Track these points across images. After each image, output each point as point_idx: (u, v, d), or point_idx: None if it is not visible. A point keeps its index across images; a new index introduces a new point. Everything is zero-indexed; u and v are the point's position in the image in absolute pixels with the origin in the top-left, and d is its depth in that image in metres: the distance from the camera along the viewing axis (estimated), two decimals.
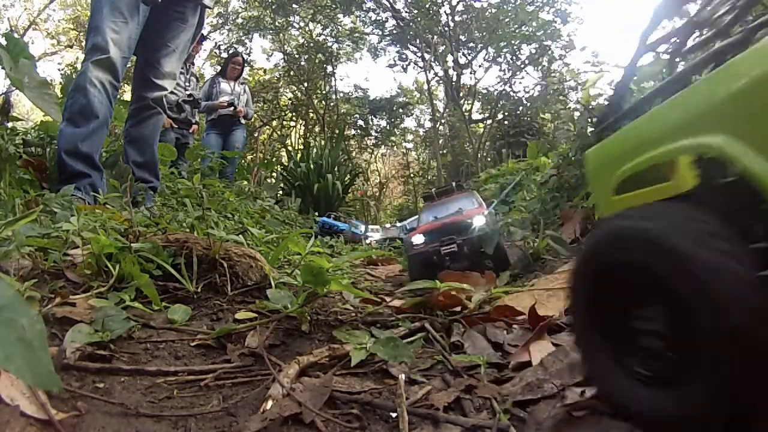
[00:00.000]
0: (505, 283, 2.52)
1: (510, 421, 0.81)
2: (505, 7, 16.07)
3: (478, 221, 3.16)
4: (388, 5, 18.30)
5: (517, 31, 15.94)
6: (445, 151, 17.52)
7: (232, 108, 4.90)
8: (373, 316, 1.51)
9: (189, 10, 2.53)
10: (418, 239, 3.27)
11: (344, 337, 1.26)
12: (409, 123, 24.64)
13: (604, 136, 0.87)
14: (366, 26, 19.75)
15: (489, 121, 17.15)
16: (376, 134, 22.66)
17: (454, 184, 4.43)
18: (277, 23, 18.38)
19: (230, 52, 12.72)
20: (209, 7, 2.66)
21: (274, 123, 20.67)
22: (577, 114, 4.62)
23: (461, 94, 17.78)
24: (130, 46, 2.24)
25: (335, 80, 20.41)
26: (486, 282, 1.83)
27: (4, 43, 1.83)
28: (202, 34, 4.96)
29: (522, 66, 17.12)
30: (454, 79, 17.75)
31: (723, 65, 0.58)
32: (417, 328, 1.42)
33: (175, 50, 2.52)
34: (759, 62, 0.51)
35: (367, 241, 8.31)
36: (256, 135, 18.31)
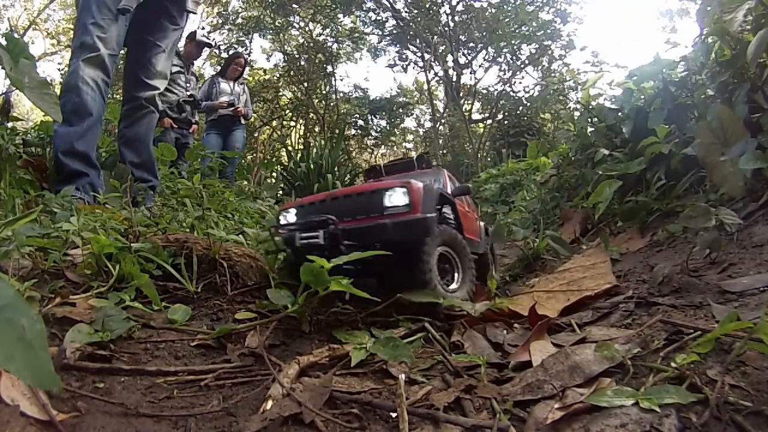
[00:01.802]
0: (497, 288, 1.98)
1: (510, 421, 0.81)
2: (505, 7, 16.06)
3: (395, 197, 1.64)
4: (388, 5, 18.30)
5: (517, 31, 15.94)
6: (445, 151, 17.51)
7: (231, 108, 4.90)
8: (373, 316, 1.51)
9: (178, 13, 2.55)
10: (287, 216, 1.91)
11: (344, 337, 1.26)
12: (409, 123, 24.63)
13: None
14: (366, 26, 19.75)
15: (489, 121, 17.13)
16: (376, 134, 22.65)
17: (415, 155, 2.74)
18: (277, 23, 18.37)
19: (231, 52, 12.72)
20: (194, 12, 2.67)
21: (274, 123, 20.67)
22: (577, 114, 4.62)
23: (461, 94, 17.78)
24: (119, 43, 2.24)
25: (335, 80, 20.40)
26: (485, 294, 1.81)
27: (4, 43, 1.83)
28: (209, 42, 4.97)
29: (522, 66, 17.11)
30: (454, 79, 17.75)
31: None
32: (417, 328, 1.42)
33: (165, 50, 2.54)
34: None
35: None
36: (256, 135, 18.30)
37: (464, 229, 2.12)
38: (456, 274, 1.81)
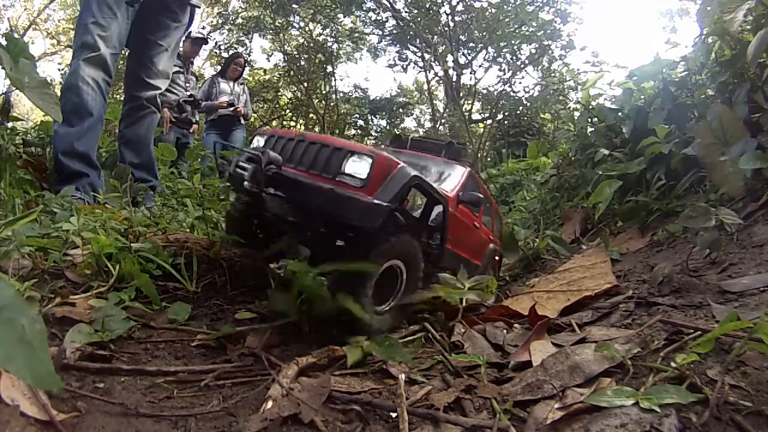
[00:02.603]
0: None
1: (510, 421, 0.81)
2: (505, 7, 16.05)
3: (356, 166, 1.34)
4: (388, 5, 18.28)
5: (517, 31, 15.92)
6: None
7: (231, 108, 4.90)
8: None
9: (179, 9, 2.53)
10: (258, 142, 1.68)
11: (344, 338, 1.26)
12: (409, 123, 24.60)
13: None
14: (366, 26, 19.72)
15: (489, 121, 17.12)
16: (376, 134, 22.65)
17: (445, 142, 2.33)
18: (277, 23, 18.35)
19: (231, 52, 12.75)
20: (198, 7, 2.65)
21: (274, 123, 20.67)
22: (577, 114, 4.62)
23: (461, 94, 17.77)
24: (120, 42, 2.23)
25: (335, 80, 20.39)
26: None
27: (4, 43, 1.82)
28: (204, 38, 4.95)
29: (522, 66, 17.09)
30: (454, 79, 17.73)
31: None
32: (417, 329, 1.42)
33: (167, 49, 2.51)
34: None
35: None
36: None
37: (457, 243, 1.78)
38: (393, 296, 1.44)
